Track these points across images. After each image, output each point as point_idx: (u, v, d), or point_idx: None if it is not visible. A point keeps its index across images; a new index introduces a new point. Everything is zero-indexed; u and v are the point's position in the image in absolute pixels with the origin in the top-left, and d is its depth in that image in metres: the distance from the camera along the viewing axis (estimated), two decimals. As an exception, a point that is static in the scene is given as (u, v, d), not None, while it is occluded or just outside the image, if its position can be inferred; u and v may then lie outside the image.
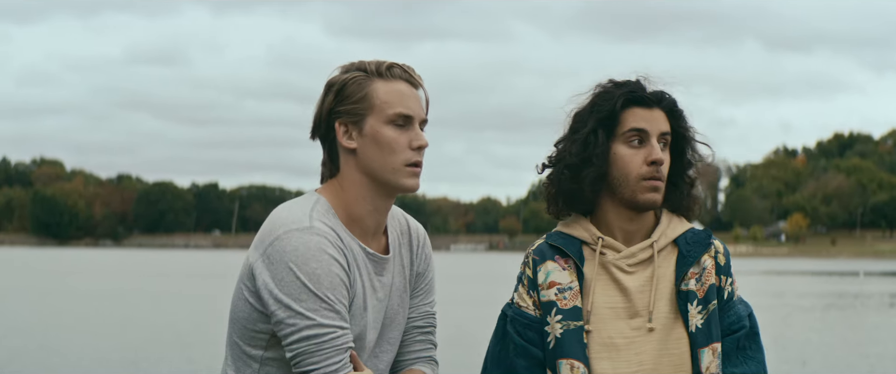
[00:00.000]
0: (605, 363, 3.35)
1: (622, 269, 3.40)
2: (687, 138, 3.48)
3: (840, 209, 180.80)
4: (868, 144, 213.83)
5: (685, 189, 3.49)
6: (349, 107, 3.18)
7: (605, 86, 3.46)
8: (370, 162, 3.19)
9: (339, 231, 3.16)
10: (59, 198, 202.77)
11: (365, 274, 3.21)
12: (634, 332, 3.36)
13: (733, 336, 3.38)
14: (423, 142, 3.22)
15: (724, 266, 3.43)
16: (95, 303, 38.88)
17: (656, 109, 3.42)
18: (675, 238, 3.44)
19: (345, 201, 3.22)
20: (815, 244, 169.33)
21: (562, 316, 3.37)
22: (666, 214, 3.48)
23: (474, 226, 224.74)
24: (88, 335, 27.08)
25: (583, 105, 3.47)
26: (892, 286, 59.20)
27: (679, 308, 3.37)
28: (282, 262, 3.06)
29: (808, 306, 40.36)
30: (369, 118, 3.17)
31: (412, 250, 3.42)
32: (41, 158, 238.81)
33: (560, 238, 3.48)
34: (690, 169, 3.50)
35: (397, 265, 3.35)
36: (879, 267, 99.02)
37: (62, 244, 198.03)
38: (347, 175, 3.23)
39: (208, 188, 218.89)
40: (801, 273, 74.13)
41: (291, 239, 3.08)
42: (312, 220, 3.12)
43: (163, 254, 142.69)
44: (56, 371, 20.18)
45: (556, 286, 3.41)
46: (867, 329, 31.08)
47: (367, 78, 3.19)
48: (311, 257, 3.06)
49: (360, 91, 3.18)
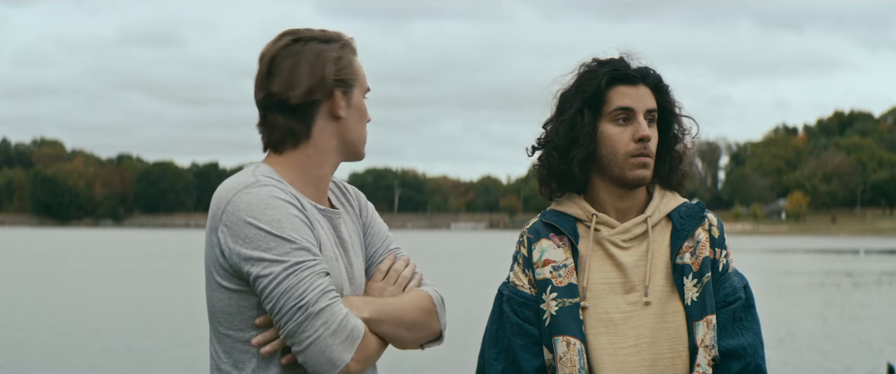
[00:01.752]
0: (602, 339, 3.37)
1: (617, 244, 3.43)
2: (673, 113, 3.50)
3: (840, 187, 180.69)
4: (868, 122, 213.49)
5: (674, 164, 3.51)
6: (346, 76, 3.25)
7: (589, 65, 3.48)
8: (351, 132, 3.27)
9: (286, 187, 3.18)
10: (59, 178, 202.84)
11: (325, 228, 3.23)
12: (631, 307, 3.38)
13: (729, 308, 3.39)
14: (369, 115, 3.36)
15: (718, 239, 3.45)
16: (96, 283, 38.94)
17: (641, 85, 3.44)
18: (669, 213, 3.48)
19: (306, 164, 3.24)
20: (815, 222, 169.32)
21: (557, 294, 3.40)
22: (658, 189, 3.52)
23: (475, 205, 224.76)
24: (89, 315, 27.13)
25: (568, 85, 3.50)
26: (892, 264, 59.27)
27: (675, 282, 3.39)
28: (240, 220, 3.07)
29: (807, 284, 40.44)
30: (355, 89, 3.27)
31: (351, 204, 3.44)
32: (41, 138, 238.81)
33: (554, 216, 3.51)
34: (678, 144, 3.52)
35: (349, 222, 3.38)
36: (879, 245, 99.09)
37: (63, 225, 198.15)
38: (324, 141, 3.25)
39: (208, 168, 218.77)
40: (802, 251, 74.21)
41: (242, 197, 3.09)
42: (256, 176, 3.15)
43: (164, 234, 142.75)
44: (57, 354, 20.24)
45: (551, 264, 3.43)
46: (863, 307, 31.14)
47: (350, 51, 3.28)
48: (267, 205, 3.07)
49: (353, 63, 3.27)
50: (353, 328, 3.07)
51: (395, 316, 3.24)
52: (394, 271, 3.38)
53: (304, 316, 3.03)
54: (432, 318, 3.33)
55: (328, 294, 3.05)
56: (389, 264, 3.39)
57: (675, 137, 3.51)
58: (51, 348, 20.67)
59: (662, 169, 3.51)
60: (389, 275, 3.36)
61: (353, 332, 3.07)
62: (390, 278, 3.36)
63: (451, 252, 68.03)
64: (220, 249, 3.11)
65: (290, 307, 3.03)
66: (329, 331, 3.03)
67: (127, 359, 19.36)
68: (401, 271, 3.38)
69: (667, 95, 3.49)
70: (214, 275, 3.15)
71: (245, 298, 3.13)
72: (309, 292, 3.03)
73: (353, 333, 3.06)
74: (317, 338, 3.03)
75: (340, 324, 3.04)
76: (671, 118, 3.50)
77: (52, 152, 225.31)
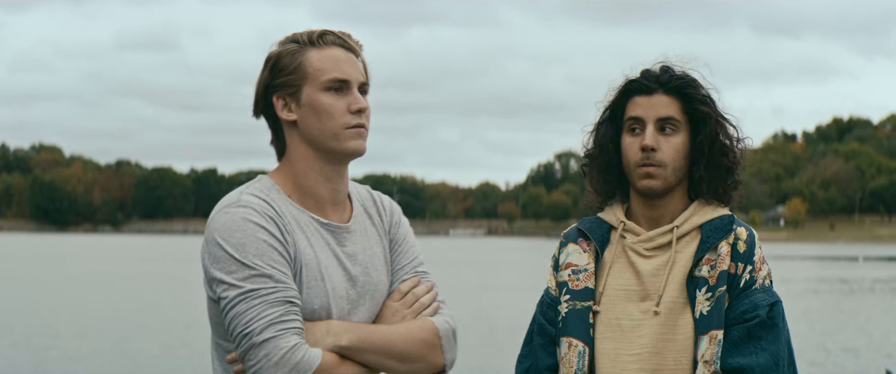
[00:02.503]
0: (608, 344, 3.40)
1: (639, 253, 3.44)
2: (704, 119, 3.44)
3: (839, 194, 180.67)
4: (867, 129, 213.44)
5: (707, 172, 3.45)
6: (284, 79, 3.17)
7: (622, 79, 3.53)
8: (311, 131, 3.17)
9: (278, 202, 3.14)
10: (58, 184, 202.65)
11: (319, 243, 3.17)
12: (642, 315, 3.38)
13: (743, 325, 3.31)
14: (361, 104, 3.19)
15: (743, 253, 3.38)
16: (95, 289, 38.92)
17: (658, 94, 3.44)
18: (701, 224, 3.44)
19: (294, 175, 3.20)
20: (813, 229, 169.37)
21: (570, 296, 3.47)
22: (699, 200, 3.47)
23: (473, 211, 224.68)
24: (87, 320, 27.11)
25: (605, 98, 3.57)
26: (890, 272, 59.25)
27: (688, 294, 3.37)
28: (212, 239, 3.07)
29: (805, 290, 40.43)
30: (305, 88, 3.16)
31: (382, 218, 3.38)
32: (40, 144, 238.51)
33: (590, 222, 3.57)
34: (713, 151, 3.44)
35: (370, 236, 3.32)
36: (878, 252, 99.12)
37: (61, 230, 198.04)
38: (293, 148, 3.21)
39: (207, 174, 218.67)
40: (800, 258, 74.23)
41: (220, 217, 3.08)
42: (241, 195, 3.13)
43: (162, 239, 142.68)
44: (55, 358, 20.23)
45: (572, 268, 3.51)
46: (862, 314, 31.13)
47: (300, 48, 3.18)
48: (237, 228, 3.04)
49: (294, 62, 3.17)
50: (298, 362, 3.00)
51: (382, 346, 3.15)
52: (412, 294, 3.31)
53: (248, 345, 3.01)
54: (433, 350, 3.23)
55: (275, 326, 3.00)
56: (411, 286, 3.32)
57: (705, 144, 3.43)
58: (49, 352, 20.65)
59: (694, 178, 3.47)
60: (407, 298, 3.29)
61: (299, 366, 3.00)
62: (407, 301, 3.29)
63: (452, 259, 67.94)
64: (203, 263, 3.11)
65: (238, 334, 3.02)
66: (271, 363, 2.99)
67: (125, 364, 19.35)
68: (419, 296, 3.30)
69: (693, 102, 3.44)
70: (206, 287, 3.15)
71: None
72: (255, 322, 2.99)
73: (298, 366, 2.99)
74: (259, 369, 3.00)
75: (283, 357, 2.98)
76: (702, 124, 3.44)
77: (50, 158, 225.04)
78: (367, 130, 3.23)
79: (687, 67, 3.49)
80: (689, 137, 3.45)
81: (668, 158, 3.40)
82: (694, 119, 3.44)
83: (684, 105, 3.44)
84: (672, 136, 3.42)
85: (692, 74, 3.48)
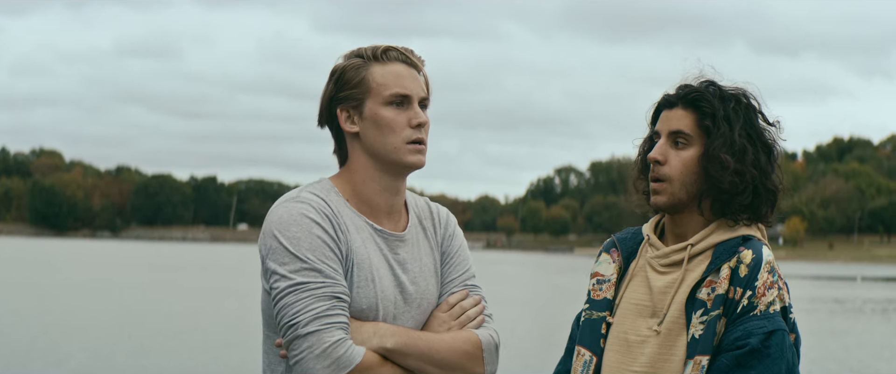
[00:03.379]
0: (613, 356, 3.42)
1: (654, 268, 3.43)
2: (714, 132, 3.34)
3: (838, 214, 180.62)
4: (867, 149, 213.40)
5: (716, 190, 3.36)
6: (348, 92, 3.28)
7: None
8: (373, 143, 3.28)
9: (335, 204, 3.25)
10: (57, 189, 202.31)
11: (372, 247, 3.26)
12: (648, 331, 3.37)
13: (733, 353, 3.21)
14: (421, 119, 3.30)
15: (743, 278, 3.27)
16: (94, 294, 38.89)
17: (678, 107, 3.41)
18: (716, 244, 3.36)
19: (353, 183, 3.31)
20: (812, 248, 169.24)
21: (589, 305, 3.51)
22: (721, 219, 3.39)
23: (472, 224, 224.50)
24: (85, 326, 27.09)
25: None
26: (889, 292, 59.20)
27: (686, 315, 3.32)
28: (269, 232, 3.19)
29: (804, 309, 40.42)
30: (368, 101, 3.27)
31: (436, 230, 3.47)
32: (40, 148, 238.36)
33: (627, 233, 3.58)
34: (714, 167, 3.33)
35: (422, 247, 3.41)
36: (876, 272, 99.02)
37: (60, 235, 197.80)
38: (355, 158, 3.32)
39: (207, 182, 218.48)
40: (799, 277, 74.10)
41: (278, 210, 3.21)
42: (301, 192, 3.26)
43: (161, 246, 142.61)
44: (52, 363, 20.21)
45: (598, 277, 3.54)
46: (859, 334, 31.10)
47: (364, 63, 3.30)
48: (293, 222, 3.16)
49: (358, 76, 3.28)
50: (340, 356, 3.10)
51: (424, 352, 3.24)
52: (459, 306, 3.38)
53: (293, 336, 3.11)
54: (474, 361, 3.31)
55: (322, 319, 3.10)
56: (459, 298, 3.40)
57: (720, 160, 3.32)
58: (46, 357, 20.63)
59: (710, 196, 3.39)
60: (454, 310, 3.37)
61: (341, 360, 3.09)
62: (454, 313, 3.36)
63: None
64: (260, 254, 3.22)
65: (284, 324, 3.13)
66: (313, 355, 3.09)
67: (123, 370, 19.33)
68: (467, 309, 3.38)
69: (703, 114, 3.36)
70: (261, 277, 3.25)
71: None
72: (302, 314, 3.10)
73: (339, 361, 3.09)
74: (301, 359, 3.10)
75: (325, 351, 3.09)
76: (717, 139, 3.34)
77: (50, 163, 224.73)
78: (426, 144, 3.33)
79: (732, 85, 3.42)
80: (701, 151, 3.36)
81: (674, 172, 3.36)
82: (706, 133, 3.36)
83: (697, 118, 3.37)
84: (683, 150, 3.37)
85: (734, 89, 3.39)
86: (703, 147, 3.35)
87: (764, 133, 3.39)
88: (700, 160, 3.35)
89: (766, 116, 3.42)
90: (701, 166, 3.35)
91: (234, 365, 20.09)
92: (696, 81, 3.43)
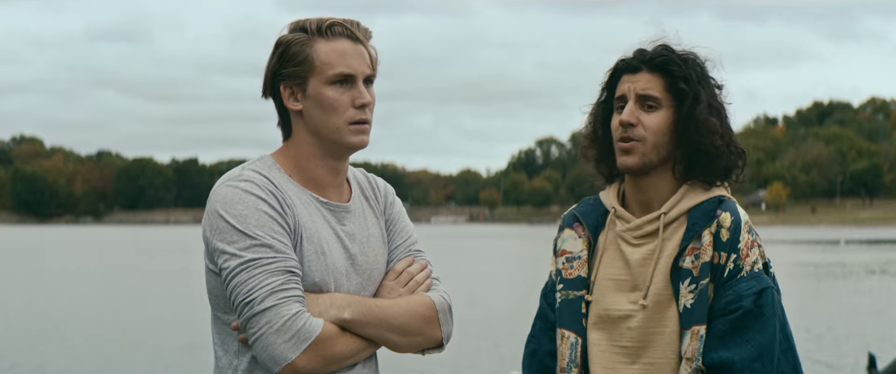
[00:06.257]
0: (597, 334, 3.35)
1: (628, 241, 3.37)
2: (689, 96, 3.32)
3: (820, 178, 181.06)
4: (847, 112, 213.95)
5: (690, 152, 3.33)
6: (292, 69, 3.22)
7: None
8: (316, 123, 3.23)
9: (278, 180, 3.21)
10: (39, 175, 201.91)
11: (320, 221, 3.24)
12: (631, 306, 3.31)
13: (727, 317, 3.19)
14: (365, 99, 3.24)
15: (726, 242, 3.24)
16: (77, 280, 38.82)
17: (643, 72, 3.35)
18: (689, 209, 3.33)
19: (296, 158, 3.27)
20: (795, 213, 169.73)
21: (563, 285, 3.43)
22: (688, 183, 3.36)
23: (455, 198, 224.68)
24: (70, 312, 27.05)
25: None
26: (872, 255, 59.46)
27: (673, 286, 3.27)
28: (213, 212, 3.14)
29: (788, 274, 40.56)
30: (312, 80, 3.21)
31: (378, 200, 3.45)
32: (21, 135, 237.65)
33: (586, 205, 3.51)
34: (689, 129, 3.31)
35: (368, 217, 3.38)
36: (859, 235, 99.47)
37: (43, 222, 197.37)
38: (298, 135, 3.27)
39: (188, 164, 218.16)
40: (782, 242, 74.42)
41: (222, 189, 3.16)
42: (243, 171, 3.21)
43: (144, 230, 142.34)
44: (38, 349, 20.18)
45: (566, 255, 3.46)
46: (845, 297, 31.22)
47: (308, 39, 3.22)
48: (238, 200, 3.12)
49: (302, 53, 3.21)
50: (300, 328, 3.07)
51: (382, 319, 3.22)
52: (407, 273, 3.37)
53: (249, 313, 3.07)
54: (430, 324, 3.30)
55: (277, 294, 3.07)
56: (405, 265, 3.38)
57: (694, 122, 3.30)
58: (31, 343, 20.59)
59: (681, 158, 3.35)
60: (402, 276, 3.36)
61: (301, 333, 3.07)
62: (402, 280, 3.35)
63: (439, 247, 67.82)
64: (204, 235, 3.18)
65: (240, 303, 3.09)
66: (272, 330, 3.05)
67: (109, 354, 19.30)
68: (414, 274, 3.37)
69: (674, 78, 3.33)
70: (206, 259, 3.21)
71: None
72: (256, 290, 3.06)
73: (299, 333, 3.07)
74: (260, 335, 3.06)
75: (285, 325, 3.06)
76: (689, 102, 3.31)
77: (31, 150, 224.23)
78: (370, 123, 3.28)
79: (686, 48, 3.39)
80: (673, 115, 3.33)
81: (648, 133, 3.31)
82: (677, 97, 3.33)
83: (667, 82, 3.33)
84: (653, 113, 3.33)
85: (686, 53, 3.37)
86: (673, 110, 3.32)
87: (719, 95, 3.40)
88: (675, 123, 3.33)
89: (714, 79, 3.42)
90: (676, 129, 3.32)
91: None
92: (650, 45, 3.39)
